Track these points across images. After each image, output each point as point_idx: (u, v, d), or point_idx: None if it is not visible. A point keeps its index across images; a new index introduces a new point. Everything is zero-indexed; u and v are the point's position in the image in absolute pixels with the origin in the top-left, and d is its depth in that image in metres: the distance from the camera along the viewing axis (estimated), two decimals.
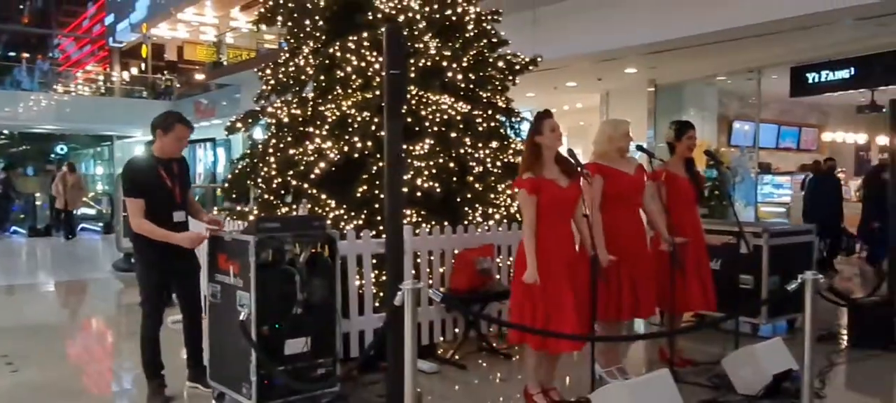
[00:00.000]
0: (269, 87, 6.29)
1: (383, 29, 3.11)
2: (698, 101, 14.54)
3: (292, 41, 6.41)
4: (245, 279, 3.65)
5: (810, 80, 11.64)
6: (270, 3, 6.34)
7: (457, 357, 5.11)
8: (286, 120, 5.92)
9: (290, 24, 6.34)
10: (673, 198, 4.74)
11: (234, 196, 6.43)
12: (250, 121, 6.26)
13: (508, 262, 5.43)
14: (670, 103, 14.26)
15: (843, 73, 11.11)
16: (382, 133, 3.57)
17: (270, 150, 5.94)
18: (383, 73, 3.51)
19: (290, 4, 6.17)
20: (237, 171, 6.27)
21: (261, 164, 5.96)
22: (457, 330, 5.36)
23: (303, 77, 6.11)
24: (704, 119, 14.34)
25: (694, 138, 4.97)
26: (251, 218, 5.70)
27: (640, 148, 4.48)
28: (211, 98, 22.00)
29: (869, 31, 9.41)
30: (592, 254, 3.89)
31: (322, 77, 6.01)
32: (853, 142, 17.11)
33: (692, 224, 4.91)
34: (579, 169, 3.96)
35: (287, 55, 6.38)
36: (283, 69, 6.26)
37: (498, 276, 5.44)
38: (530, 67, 6.37)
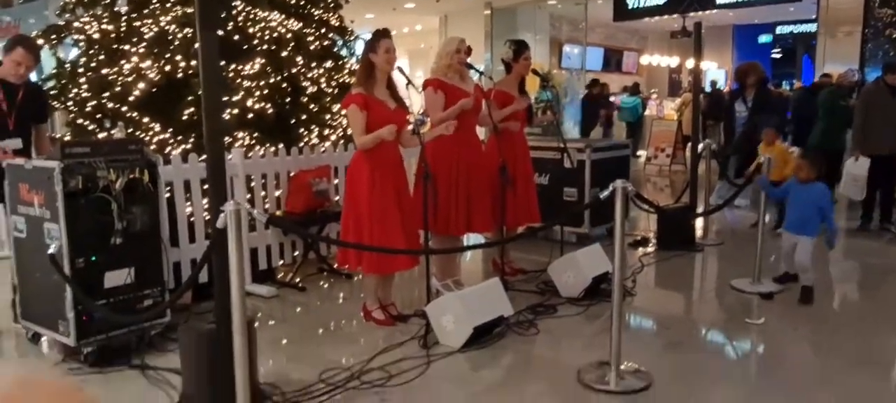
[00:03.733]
0: (75, 0, 5.65)
1: None
2: (531, 25, 15.06)
3: None
4: (52, 209, 3.34)
5: (631, 5, 12.43)
6: None
7: (296, 280, 5.08)
8: (97, 36, 5.38)
9: None
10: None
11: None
12: (54, 37, 5.61)
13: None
14: (505, 26, 14.64)
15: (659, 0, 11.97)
16: None
17: (81, 70, 5.40)
18: None
19: None
20: (42, 86, 5.64)
21: (71, 86, 5.41)
22: (296, 254, 5.30)
23: None
24: (537, 42, 14.91)
25: (530, 59, 5.14)
26: None
27: (468, 65, 4.56)
28: (14, 14, 19.50)
29: None
30: (426, 171, 3.96)
31: None
32: (667, 65, 18.62)
33: (520, 143, 5.14)
34: (408, 84, 3.99)
35: None
36: None
37: (336, 197, 5.42)
38: None
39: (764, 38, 18.97)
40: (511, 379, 3.48)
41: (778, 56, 20.15)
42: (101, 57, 5.35)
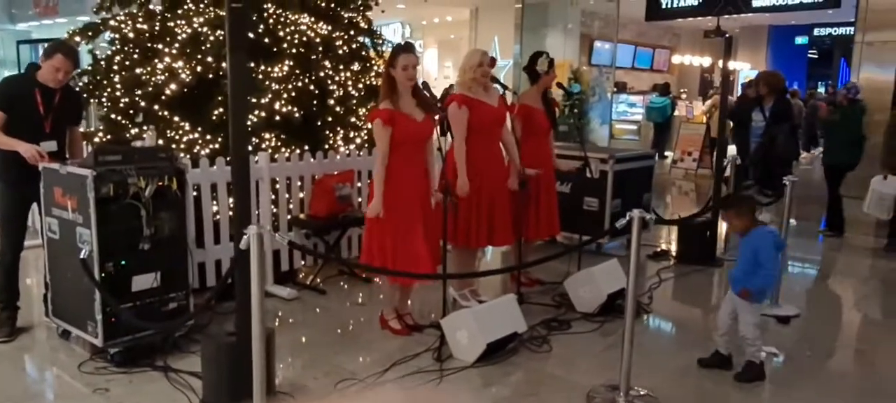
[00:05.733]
0: None
1: None
2: (562, 20, 14.93)
3: None
4: (84, 215, 3.47)
5: (664, 4, 12.29)
6: None
7: (317, 282, 5.19)
8: (132, 35, 5.51)
9: None
10: (527, 130, 4.95)
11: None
12: (90, 34, 5.76)
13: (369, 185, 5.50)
14: (536, 20, 14.56)
15: (693, 0, 11.82)
16: None
17: (115, 68, 5.54)
18: None
19: None
20: (78, 90, 5.81)
21: (105, 83, 5.56)
22: (319, 252, 5.40)
23: None
24: (567, 37, 14.81)
25: (556, 74, 5.21)
26: (95, 140, 5.38)
27: (495, 80, 4.60)
28: None
29: None
30: (446, 187, 4.02)
31: None
32: (699, 64, 18.37)
33: (545, 154, 5.16)
34: (437, 103, 4.04)
35: None
36: None
37: (359, 200, 5.51)
38: None
39: (800, 40, 18.62)
40: (520, 398, 3.55)
41: (814, 57, 19.79)
42: (135, 55, 5.49)
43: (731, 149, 8.42)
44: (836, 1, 10.77)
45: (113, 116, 5.48)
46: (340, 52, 5.76)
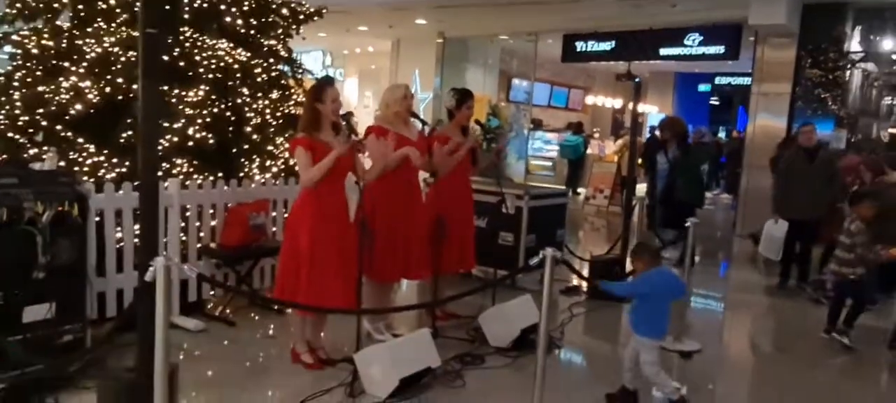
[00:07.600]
0: (15, 11, 5.49)
1: None
2: (482, 57, 15.28)
3: None
4: None
5: (579, 49, 12.80)
6: None
7: (227, 313, 5.03)
8: (35, 51, 5.24)
9: None
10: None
11: None
12: None
13: (284, 216, 5.39)
14: (457, 55, 14.83)
15: (606, 45, 12.37)
16: None
17: (15, 84, 5.24)
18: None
19: None
20: None
21: (4, 100, 5.24)
22: (228, 284, 5.24)
23: (56, 4, 5.42)
24: (487, 73, 15.14)
25: (472, 108, 5.26)
26: None
27: (414, 115, 4.64)
28: None
29: (626, 10, 10.53)
30: (363, 221, 4.00)
31: (80, 6, 5.38)
32: (611, 105, 19.16)
33: (463, 189, 5.22)
34: (354, 136, 4.02)
35: None
36: None
37: (274, 229, 5.40)
38: (315, 18, 6.25)
39: (703, 87, 19.75)
40: None
41: (716, 104, 20.98)
42: (39, 73, 5.21)
43: (641, 188, 8.81)
44: (735, 54, 11.50)
45: (11, 135, 5.17)
46: (259, 79, 5.67)
